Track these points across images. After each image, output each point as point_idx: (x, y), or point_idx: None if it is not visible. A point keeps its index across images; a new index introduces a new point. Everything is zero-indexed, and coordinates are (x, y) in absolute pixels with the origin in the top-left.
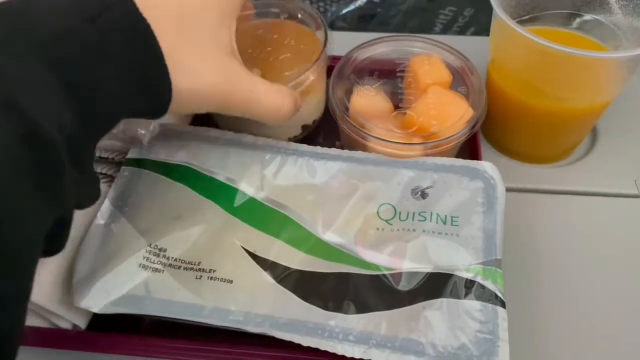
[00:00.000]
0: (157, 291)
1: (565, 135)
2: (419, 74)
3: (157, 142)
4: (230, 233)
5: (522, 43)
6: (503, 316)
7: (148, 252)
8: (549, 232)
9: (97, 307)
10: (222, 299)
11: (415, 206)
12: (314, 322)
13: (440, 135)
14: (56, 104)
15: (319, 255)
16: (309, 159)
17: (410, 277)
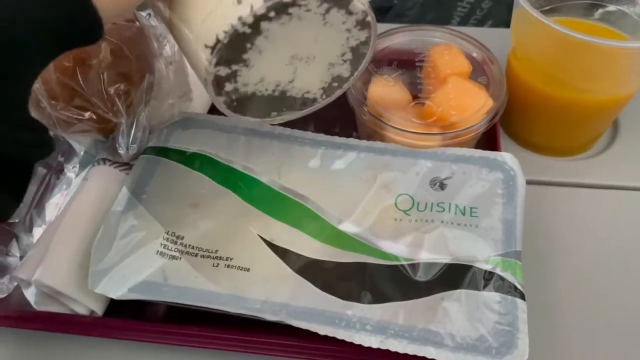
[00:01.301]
0: (174, 278)
1: (587, 127)
2: (438, 64)
3: (175, 131)
4: (247, 222)
5: (545, 32)
6: (522, 308)
7: (165, 239)
8: (568, 225)
9: (115, 293)
10: (239, 286)
11: (433, 197)
12: (331, 312)
13: (459, 125)
14: None
15: (336, 245)
16: (326, 149)
17: (429, 267)
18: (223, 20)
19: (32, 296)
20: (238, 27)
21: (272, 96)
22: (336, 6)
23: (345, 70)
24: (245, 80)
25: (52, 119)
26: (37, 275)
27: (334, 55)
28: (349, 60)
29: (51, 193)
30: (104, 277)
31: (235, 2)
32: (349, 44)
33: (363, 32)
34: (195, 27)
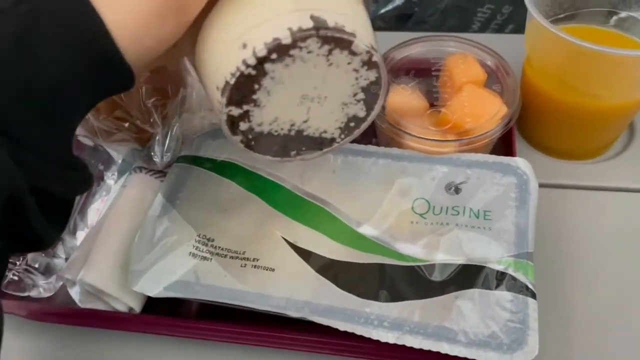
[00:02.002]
0: (206, 277)
1: (601, 132)
2: (454, 72)
3: (206, 141)
4: (272, 225)
5: (556, 42)
6: (533, 307)
7: (197, 241)
8: (584, 227)
9: (152, 291)
10: (264, 285)
11: (449, 201)
12: (351, 309)
13: (474, 132)
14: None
15: (356, 247)
16: (346, 156)
17: (444, 268)
18: (230, 64)
19: (77, 294)
20: (243, 69)
21: (288, 135)
22: (338, 47)
23: (361, 110)
24: (259, 120)
25: (94, 128)
26: (81, 275)
27: (345, 95)
28: (362, 99)
29: (92, 199)
30: (141, 276)
31: (240, 46)
32: (359, 84)
33: (371, 71)
34: (210, 72)
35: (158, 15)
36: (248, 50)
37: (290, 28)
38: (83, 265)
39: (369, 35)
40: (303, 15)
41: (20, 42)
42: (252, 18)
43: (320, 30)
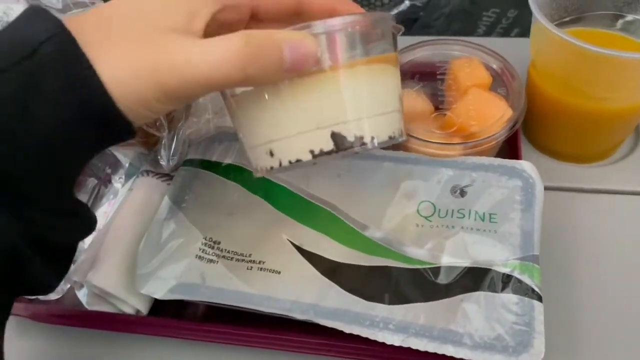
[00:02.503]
0: (212, 280)
1: (607, 135)
2: (459, 76)
3: (212, 144)
4: (278, 228)
5: (561, 45)
6: (539, 310)
7: (204, 244)
8: (589, 230)
9: (158, 294)
10: (270, 288)
11: (454, 204)
12: (356, 312)
13: (479, 135)
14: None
15: (361, 250)
16: (352, 159)
17: (449, 271)
18: (260, 161)
19: (84, 297)
20: (270, 169)
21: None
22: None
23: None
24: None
25: None
26: (88, 277)
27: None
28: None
29: (100, 202)
30: (148, 279)
31: (268, 152)
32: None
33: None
34: (244, 148)
35: (157, 100)
36: (275, 159)
37: (312, 151)
38: (90, 267)
39: (392, 126)
40: (324, 134)
41: (19, 100)
42: (277, 131)
43: (340, 152)
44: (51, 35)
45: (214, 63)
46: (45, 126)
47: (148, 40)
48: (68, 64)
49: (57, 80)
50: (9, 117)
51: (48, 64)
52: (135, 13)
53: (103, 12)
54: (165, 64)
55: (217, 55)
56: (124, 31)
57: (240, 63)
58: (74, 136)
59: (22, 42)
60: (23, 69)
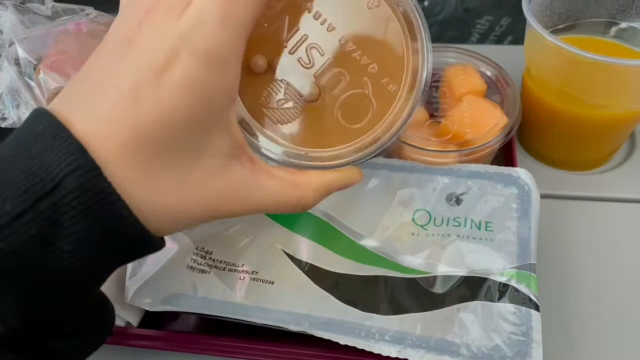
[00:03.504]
0: (204, 291)
1: (602, 142)
2: (453, 83)
3: None
4: (272, 237)
5: (556, 52)
6: (537, 319)
7: (195, 254)
8: (585, 238)
9: (149, 305)
10: (264, 299)
11: (450, 212)
12: (352, 322)
13: (474, 142)
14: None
15: (356, 260)
16: None
17: (445, 280)
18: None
19: None
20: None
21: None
22: None
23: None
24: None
25: None
26: None
27: None
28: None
29: None
30: (138, 290)
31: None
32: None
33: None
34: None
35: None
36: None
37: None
38: None
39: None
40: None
41: (44, 241)
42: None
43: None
44: (74, 168)
45: (274, 205)
46: (71, 262)
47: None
48: (93, 199)
49: (79, 217)
50: (32, 257)
51: (71, 200)
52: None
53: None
54: (222, 197)
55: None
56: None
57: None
58: (99, 264)
59: (40, 177)
60: (44, 207)
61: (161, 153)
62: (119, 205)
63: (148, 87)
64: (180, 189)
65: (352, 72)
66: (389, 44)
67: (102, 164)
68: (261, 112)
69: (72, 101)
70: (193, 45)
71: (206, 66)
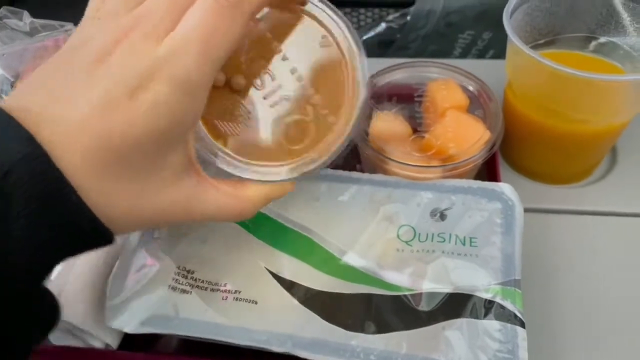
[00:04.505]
0: (185, 311)
1: (584, 156)
2: (436, 98)
3: None
4: (255, 255)
5: (536, 67)
6: (522, 336)
7: (177, 274)
8: (569, 252)
9: (129, 328)
10: (246, 319)
11: (434, 227)
12: (336, 342)
13: (458, 157)
14: None
15: (340, 277)
16: (330, 182)
17: (431, 297)
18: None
19: None
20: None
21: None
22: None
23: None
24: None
25: None
26: None
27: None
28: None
29: None
30: (118, 312)
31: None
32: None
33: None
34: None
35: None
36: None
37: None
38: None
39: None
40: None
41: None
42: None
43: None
44: (24, 155)
45: (219, 215)
46: (20, 249)
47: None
48: (43, 184)
49: (30, 202)
50: None
51: (22, 185)
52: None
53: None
54: (172, 206)
55: (234, 213)
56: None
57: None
58: (47, 254)
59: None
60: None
61: (121, 166)
62: (69, 190)
63: (120, 106)
64: (133, 197)
65: (297, 100)
66: (334, 80)
67: (63, 165)
68: (212, 123)
69: (39, 100)
70: (171, 72)
71: (181, 93)
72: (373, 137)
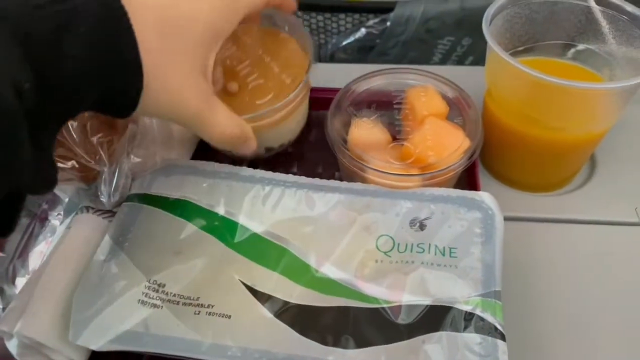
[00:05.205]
0: (156, 327)
1: (563, 164)
2: (415, 105)
3: (158, 178)
4: (229, 267)
5: (516, 75)
6: (503, 349)
7: (147, 287)
8: (548, 261)
9: (95, 345)
10: (220, 334)
11: (413, 237)
12: (313, 357)
13: (437, 166)
14: (14, 65)
15: (317, 289)
16: (307, 191)
17: (410, 310)
18: None
19: (14, 347)
20: None
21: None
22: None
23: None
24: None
25: None
26: (18, 327)
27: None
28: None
29: (35, 241)
30: (85, 328)
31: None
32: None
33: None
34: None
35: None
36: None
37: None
38: (21, 315)
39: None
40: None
41: (53, 39)
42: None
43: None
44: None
45: (225, 138)
46: (74, 68)
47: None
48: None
49: (90, 26)
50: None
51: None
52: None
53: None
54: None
55: (230, 133)
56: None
57: (235, 146)
58: (94, 80)
59: None
60: (59, 7)
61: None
62: (125, 19)
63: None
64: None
65: (260, 70)
66: (291, 55)
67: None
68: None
69: None
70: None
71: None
72: (351, 145)
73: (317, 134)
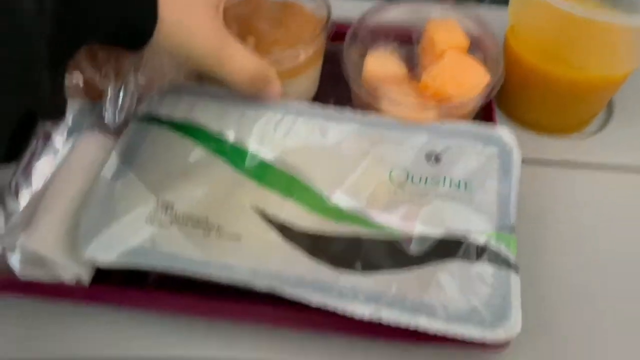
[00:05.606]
0: (163, 245)
1: (582, 106)
2: (435, 38)
3: (167, 99)
4: (238, 191)
5: (543, 8)
6: (516, 282)
7: (155, 207)
8: (563, 204)
9: (102, 259)
10: (228, 255)
11: (428, 171)
12: (323, 281)
13: (455, 99)
14: None
15: (329, 217)
16: (321, 120)
17: (422, 240)
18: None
19: (17, 262)
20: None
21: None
22: None
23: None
24: None
25: None
26: (22, 240)
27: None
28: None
29: (38, 159)
30: (92, 241)
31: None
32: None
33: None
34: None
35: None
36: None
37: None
38: (25, 229)
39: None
40: None
41: None
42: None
43: None
44: None
45: (244, 76)
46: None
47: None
48: None
49: None
50: None
51: None
52: None
53: None
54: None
55: (250, 69)
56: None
57: (256, 88)
58: (112, 6)
59: None
60: None
61: None
62: None
63: None
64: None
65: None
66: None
67: None
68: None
69: None
70: None
71: None
72: (367, 76)
73: (331, 68)
